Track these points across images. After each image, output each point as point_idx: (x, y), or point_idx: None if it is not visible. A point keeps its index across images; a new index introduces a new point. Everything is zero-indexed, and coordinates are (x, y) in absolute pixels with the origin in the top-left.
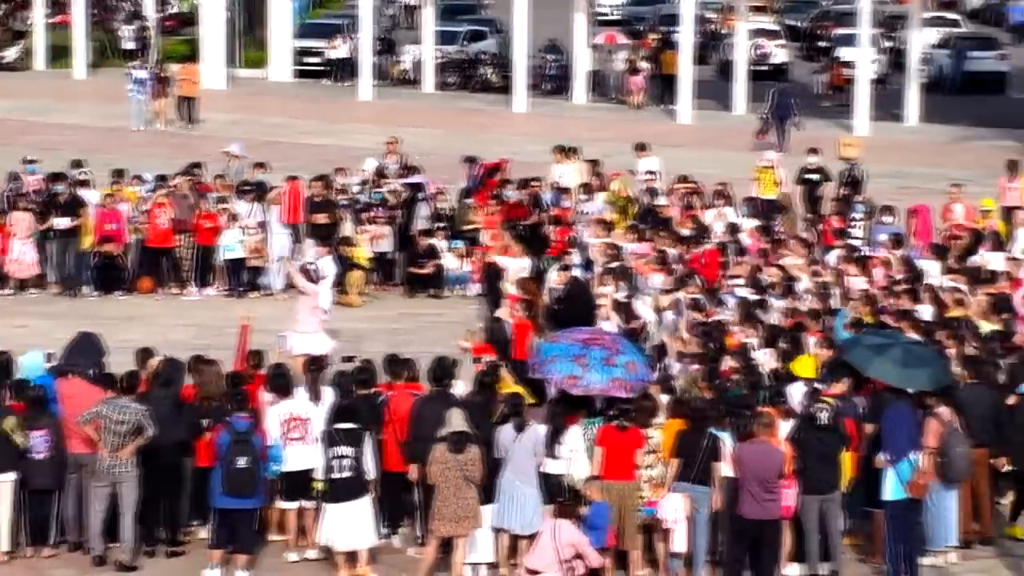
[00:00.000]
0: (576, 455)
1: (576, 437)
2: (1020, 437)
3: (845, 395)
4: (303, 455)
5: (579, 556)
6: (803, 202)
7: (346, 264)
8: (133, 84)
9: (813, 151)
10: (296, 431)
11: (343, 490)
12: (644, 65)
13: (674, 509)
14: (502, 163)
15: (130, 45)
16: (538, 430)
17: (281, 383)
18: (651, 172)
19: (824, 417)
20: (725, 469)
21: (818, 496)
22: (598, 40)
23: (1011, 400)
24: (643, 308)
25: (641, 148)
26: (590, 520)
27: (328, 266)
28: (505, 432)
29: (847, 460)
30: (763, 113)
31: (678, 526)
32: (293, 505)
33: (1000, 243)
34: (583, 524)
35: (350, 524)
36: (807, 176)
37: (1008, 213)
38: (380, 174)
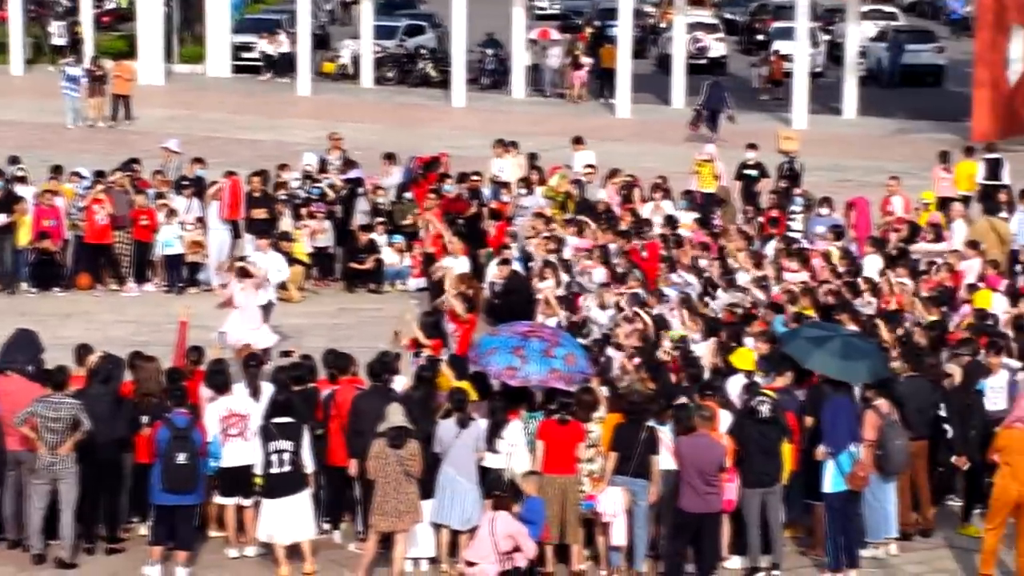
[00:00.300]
0: (516, 449)
1: (516, 431)
2: (975, 432)
3: (786, 388)
4: (241, 451)
5: (517, 548)
6: (741, 198)
7: (285, 259)
8: (66, 81)
9: (752, 146)
10: (235, 427)
11: (282, 485)
12: (586, 60)
13: (612, 503)
14: (440, 157)
15: (60, 41)
16: (479, 425)
17: (219, 379)
18: (590, 166)
19: (765, 410)
20: (664, 462)
21: (759, 489)
22: (532, 35)
23: (968, 399)
24: (585, 302)
25: (578, 141)
26: (525, 515)
27: (274, 262)
28: (446, 427)
29: (787, 453)
30: (696, 105)
31: (616, 519)
32: (231, 501)
33: (940, 235)
34: (519, 518)
35: (289, 518)
36: (745, 172)
37: (942, 204)
38: (322, 169)
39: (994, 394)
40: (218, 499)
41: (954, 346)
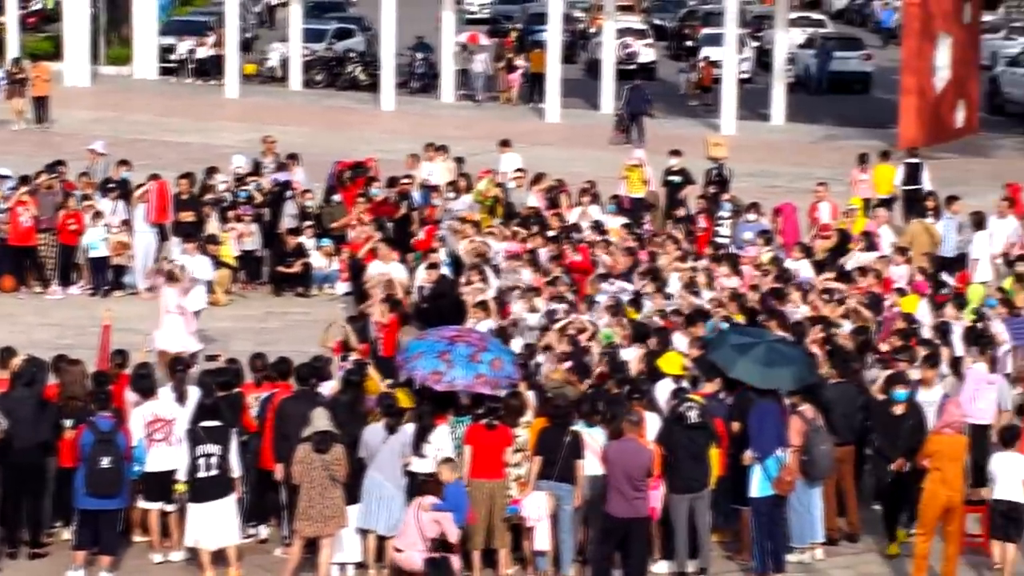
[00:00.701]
0: (443, 454)
1: (443, 436)
2: (907, 443)
3: (714, 394)
4: (165, 456)
5: (443, 535)
6: (665, 204)
7: (213, 262)
8: None
9: (675, 152)
10: (159, 432)
11: (208, 489)
12: (520, 63)
13: (536, 507)
14: (367, 162)
15: None
16: (406, 431)
17: (145, 384)
18: (520, 170)
19: (693, 416)
20: (591, 466)
21: (687, 495)
22: (461, 39)
23: (899, 409)
24: (515, 307)
25: (504, 144)
26: (447, 502)
27: (201, 265)
28: (373, 432)
29: (715, 458)
30: (618, 110)
31: (541, 524)
32: (155, 506)
33: (873, 244)
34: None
35: (215, 523)
36: (669, 178)
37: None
38: (256, 172)
39: (928, 409)
40: (142, 503)
41: (894, 352)
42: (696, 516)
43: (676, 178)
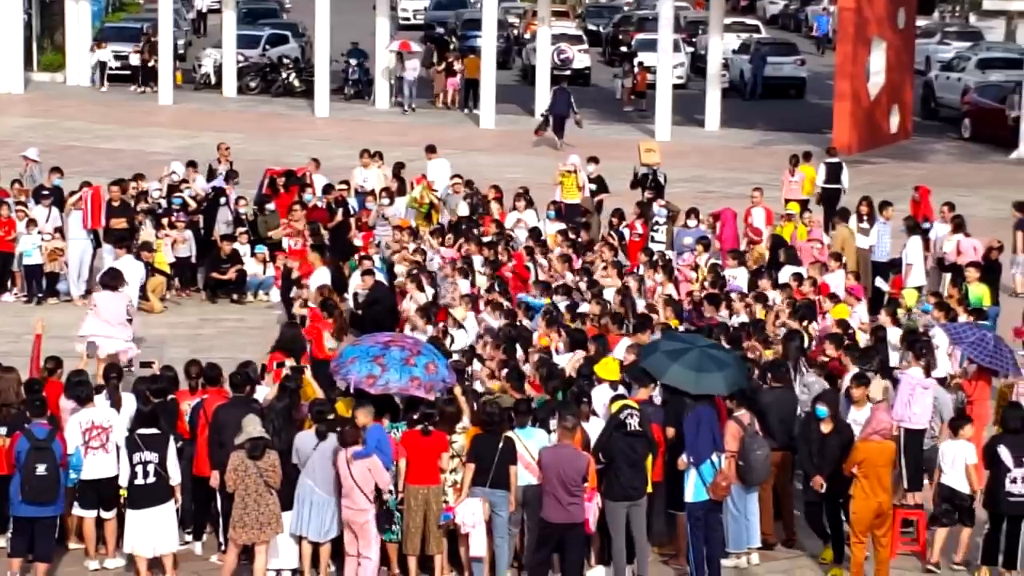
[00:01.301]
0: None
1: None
2: (832, 466)
3: (649, 400)
4: (102, 464)
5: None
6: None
7: (147, 269)
8: None
9: (593, 160)
10: (96, 440)
11: (146, 496)
12: (459, 67)
13: (471, 513)
14: (298, 171)
15: None
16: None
17: (81, 391)
18: (457, 176)
19: (634, 423)
20: (523, 474)
21: (625, 502)
22: (393, 47)
23: (826, 427)
24: (454, 313)
25: (430, 150)
26: (369, 446)
27: (131, 267)
28: (304, 439)
29: (649, 465)
30: (543, 112)
31: (475, 530)
32: (90, 513)
33: (794, 257)
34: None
35: (153, 530)
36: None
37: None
38: (211, 177)
39: (857, 428)
40: (77, 511)
41: (860, 355)
42: (632, 523)
43: (592, 186)
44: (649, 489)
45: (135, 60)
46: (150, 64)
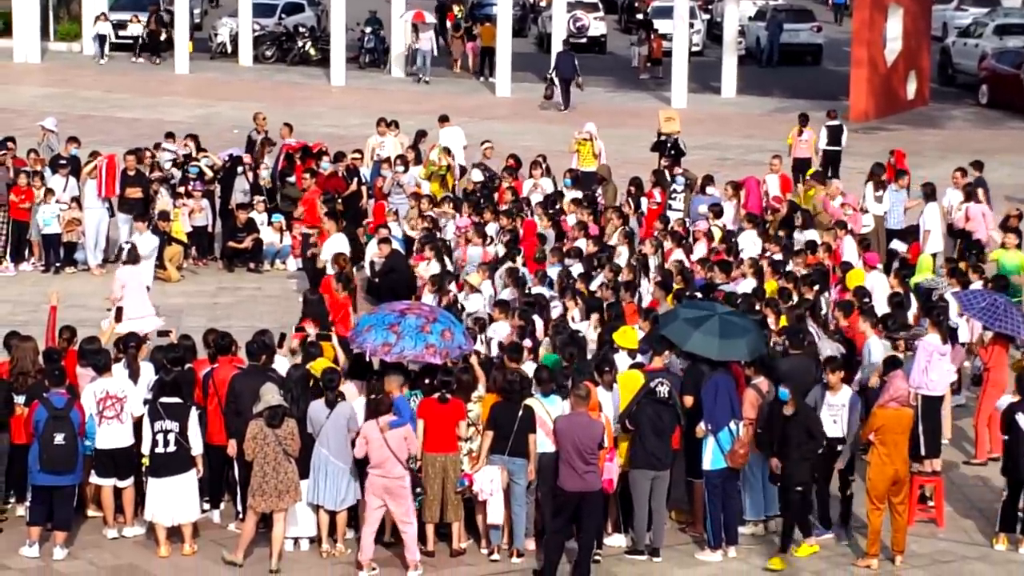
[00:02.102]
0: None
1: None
2: (796, 453)
3: (665, 368)
4: (116, 434)
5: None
6: None
7: (164, 238)
8: None
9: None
10: (110, 409)
11: (167, 464)
12: (476, 30)
13: (489, 481)
14: (313, 147)
15: None
16: (349, 405)
17: (98, 360)
18: (487, 141)
19: (663, 391)
20: (543, 440)
21: (650, 471)
22: (407, 17)
23: (788, 409)
24: (470, 279)
25: (443, 119)
26: (403, 413)
27: (147, 242)
28: (316, 408)
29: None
30: (548, 74)
31: (493, 498)
32: (107, 482)
33: (810, 220)
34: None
35: (174, 499)
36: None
37: (798, 165)
38: (249, 147)
39: (833, 413)
40: (95, 479)
41: (878, 321)
42: (653, 492)
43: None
44: None
45: (136, 30)
46: (161, 36)
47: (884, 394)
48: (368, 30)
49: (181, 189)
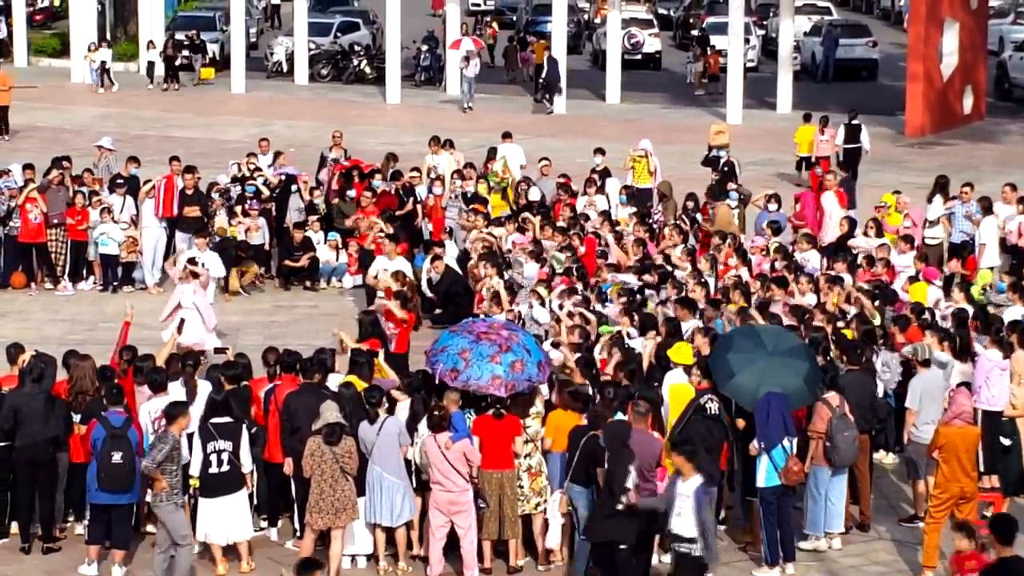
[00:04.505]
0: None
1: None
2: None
3: (714, 389)
4: None
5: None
6: None
7: (239, 256)
8: None
9: (599, 151)
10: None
11: (219, 484)
12: (531, 39)
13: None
14: (366, 168)
15: None
16: (397, 420)
17: (154, 378)
18: (545, 159)
19: (713, 407)
20: None
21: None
22: (468, 48)
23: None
24: (538, 290)
25: (506, 136)
26: (460, 428)
27: (213, 261)
28: (366, 426)
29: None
30: (540, 79)
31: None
32: None
33: (880, 230)
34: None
35: (227, 518)
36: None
37: (806, 163)
38: (322, 166)
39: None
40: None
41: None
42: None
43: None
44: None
45: (153, 56)
46: (176, 62)
47: (948, 412)
48: (424, 48)
49: (238, 208)
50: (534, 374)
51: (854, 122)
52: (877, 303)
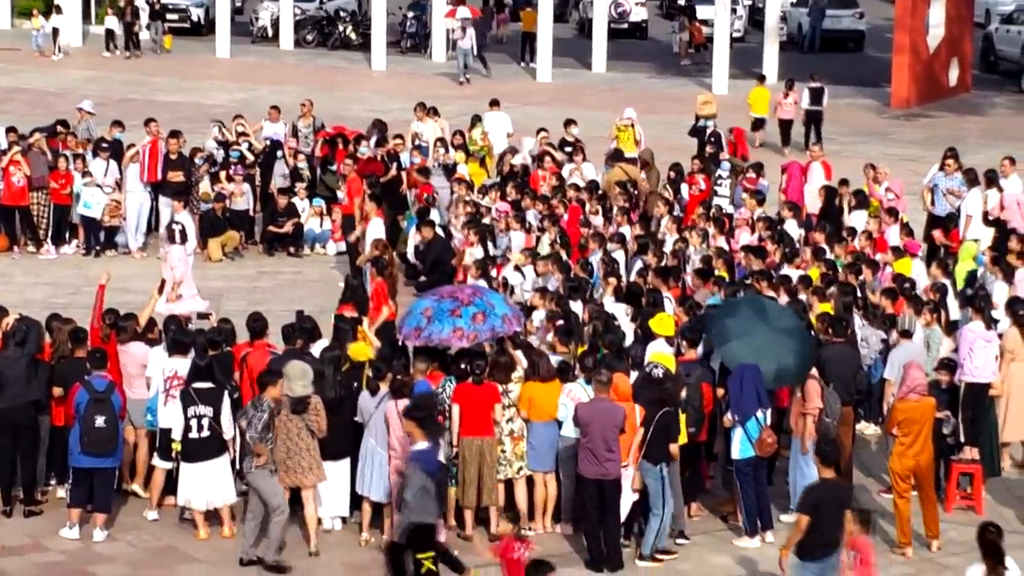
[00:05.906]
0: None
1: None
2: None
3: (699, 360)
4: (171, 413)
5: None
6: None
7: (221, 222)
8: None
9: (570, 122)
10: (176, 389)
11: (201, 449)
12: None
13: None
14: (350, 134)
15: None
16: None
17: (179, 339)
18: (543, 129)
19: (658, 373)
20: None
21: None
22: (454, 25)
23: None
24: (515, 260)
25: (494, 103)
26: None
27: (189, 222)
28: (366, 397)
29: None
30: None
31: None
32: (165, 465)
33: (866, 201)
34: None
35: (208, 483)
36: (567, 149)
37: (782, 126)
38: (295, 135)
39: None
40: (157, 462)
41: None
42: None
43: (570, 149)
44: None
45: (111, 23)
46: (134, 29)
47: (903, 387)
48: (410, 15)
49: (222, 173)
50: (497, 324)
51: (816, 85)
52: (862, 277)
